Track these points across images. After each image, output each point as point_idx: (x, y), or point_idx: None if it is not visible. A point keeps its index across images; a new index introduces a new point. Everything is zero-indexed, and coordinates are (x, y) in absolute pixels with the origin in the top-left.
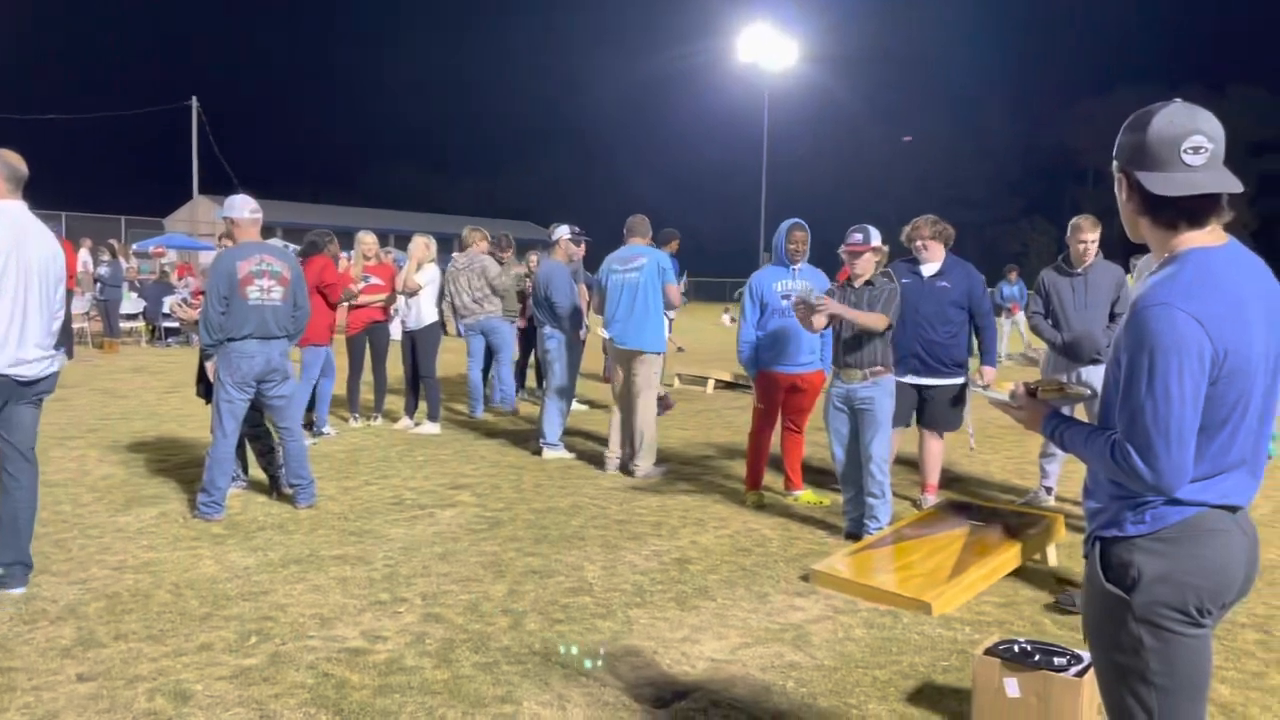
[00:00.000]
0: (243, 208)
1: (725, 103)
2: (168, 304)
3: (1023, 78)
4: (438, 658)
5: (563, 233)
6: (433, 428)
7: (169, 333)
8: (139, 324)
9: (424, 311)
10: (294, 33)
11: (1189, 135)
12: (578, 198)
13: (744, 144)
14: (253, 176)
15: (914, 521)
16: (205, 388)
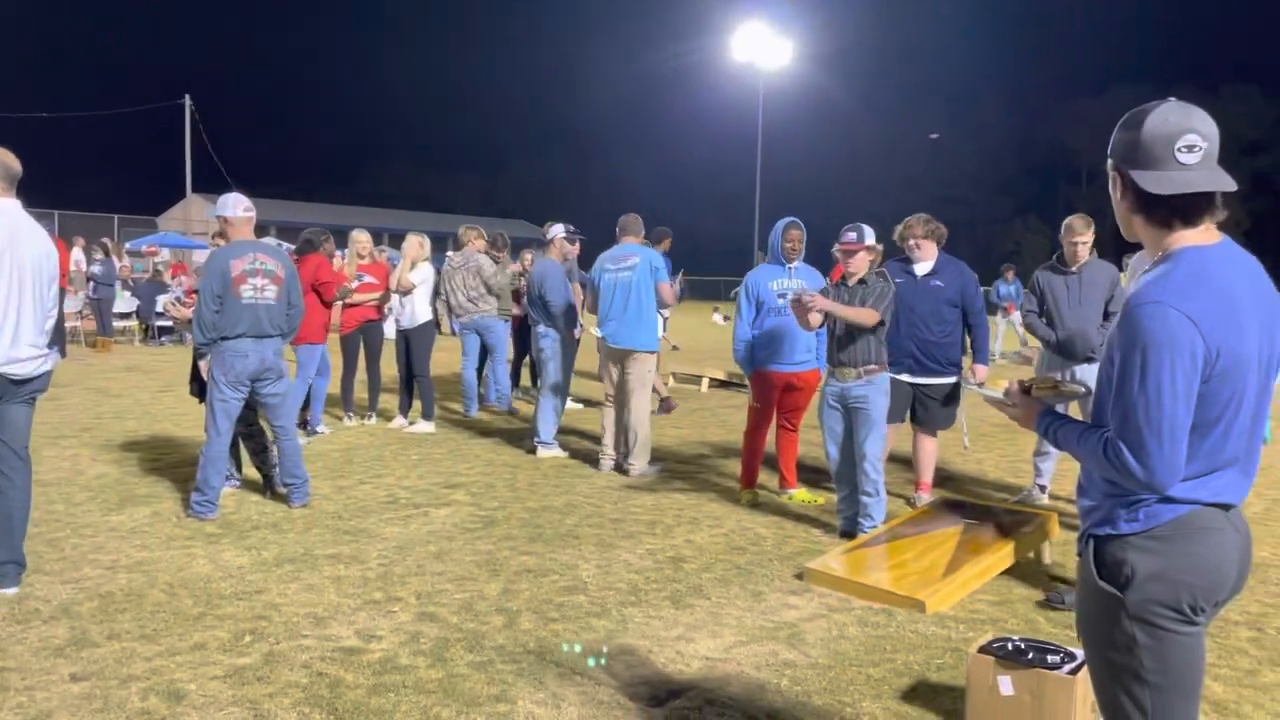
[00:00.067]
0: (236, 206)
1: (720, 101)
2: (161, 303)
3: (1017, 77)
4: (432, 657)
5: (557, 231)
6: (427, 426)
7: (162, 331)
8: (132, 323)
9: (418, 310)
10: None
11: (1183, 134)
12: (572, 196)
13: (739, 143)
14: (246, 175)
15: (908, 520)
16: (199, 387)
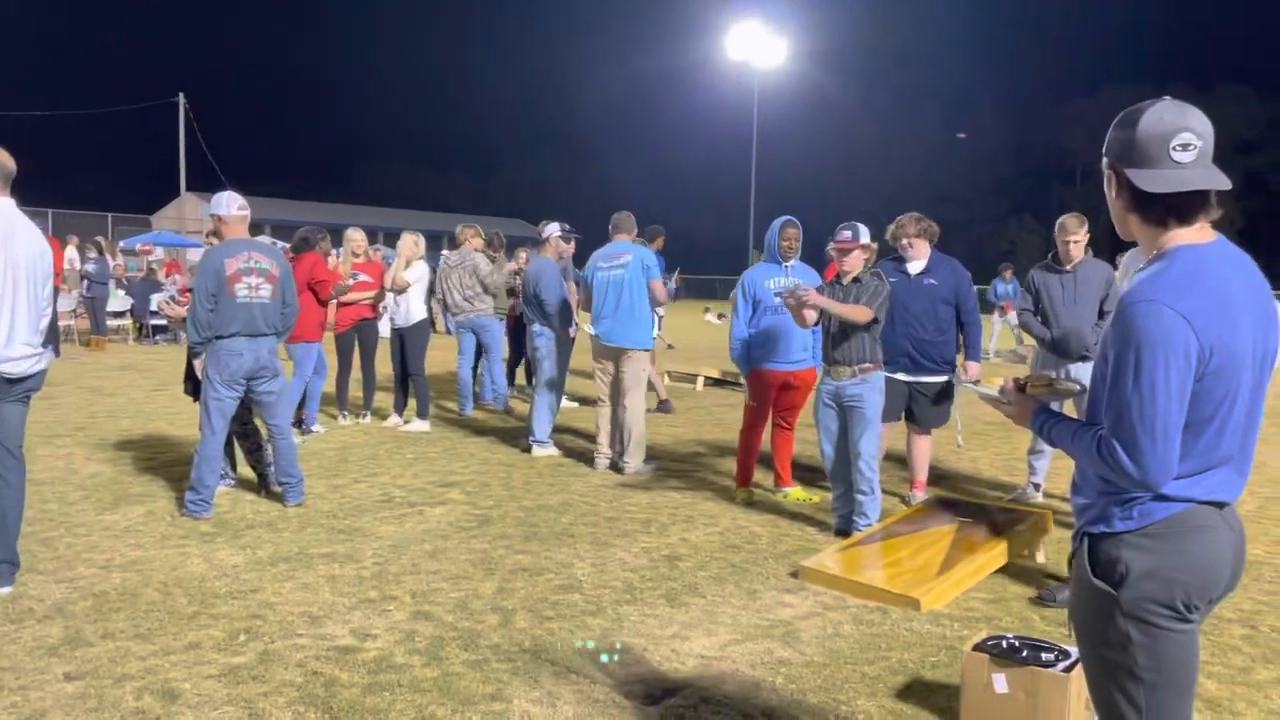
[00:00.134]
0: (230, 205)
1: (715, 100)
2: (155, 301)
3: (1012, 78)
4: (427, 655)
5: (553, 230)
6: (422, 425)
7: (156, 330)
8: (126, 321)
9: (412, 309)
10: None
11: (1178, 132)
12: (567, 195)
13: (734, 142)
14: (240, 173)
15: (903, 518)
16: (193, 385)
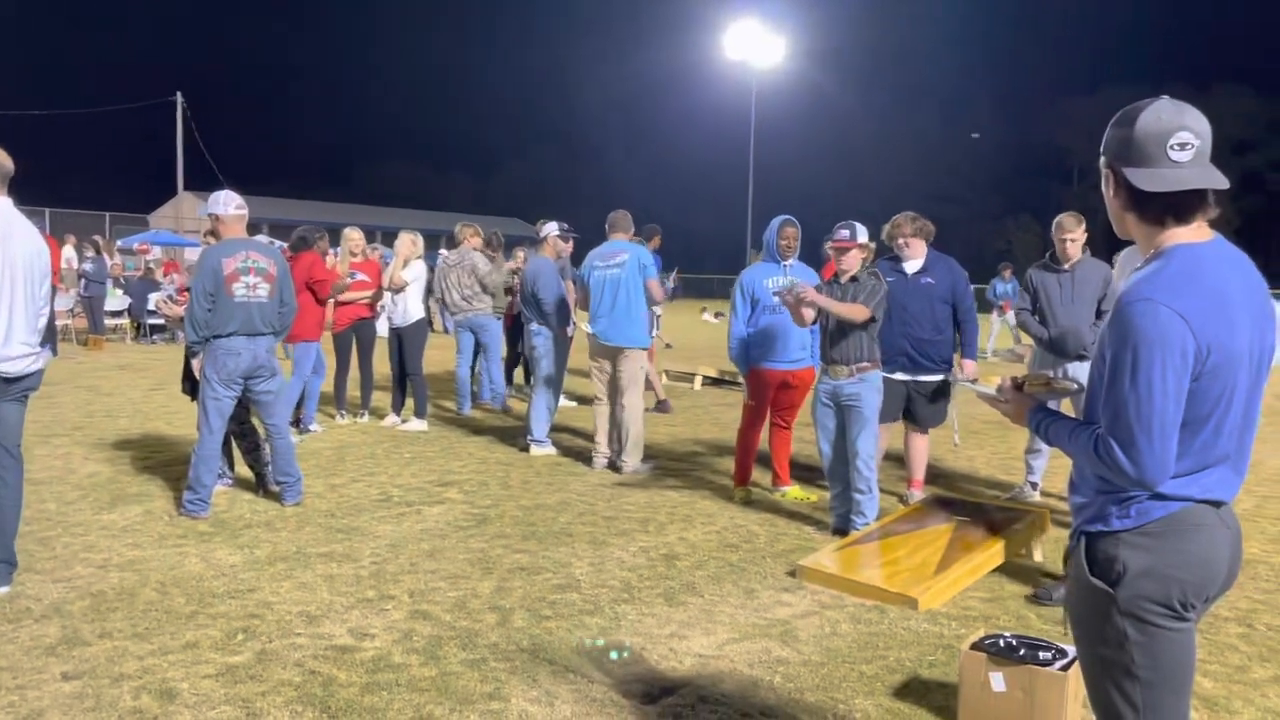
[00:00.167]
0: (227, 204)
1: (713, 100)
2: (153, 301)
3: (1009, 76)
4: (425, 655)
5: (551, 230)
6: (419, 425)
7: (154, 330)
8: (124, 321)
9: (410, 308)
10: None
11: (1176, 131)
12: (565, 195)
13: (732, 141)
14: (238, 172)
15: (900, 517)
16: (191, 385)
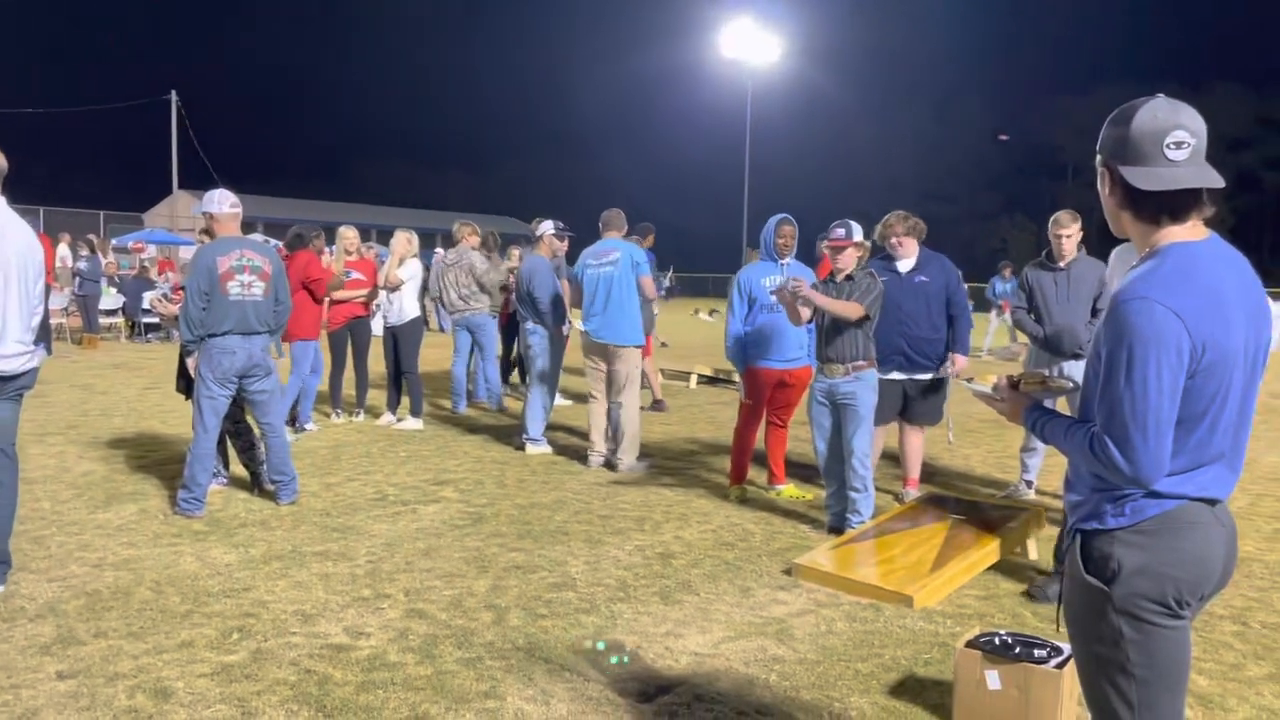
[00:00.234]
0: (222, 202)
1: (708, 98)
2: (147, 299)
3: (1002, 74)
4: (421, 653)
5: (547, 228)
6: (415, 423)
7: (149, 328)
8: (118, 320)
9: (405, 307)
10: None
11: (1172, 130)
12: (561, 193)
13: (727, 140)
14: (233, 171)
15: (896, 515)
16: (186, 383)
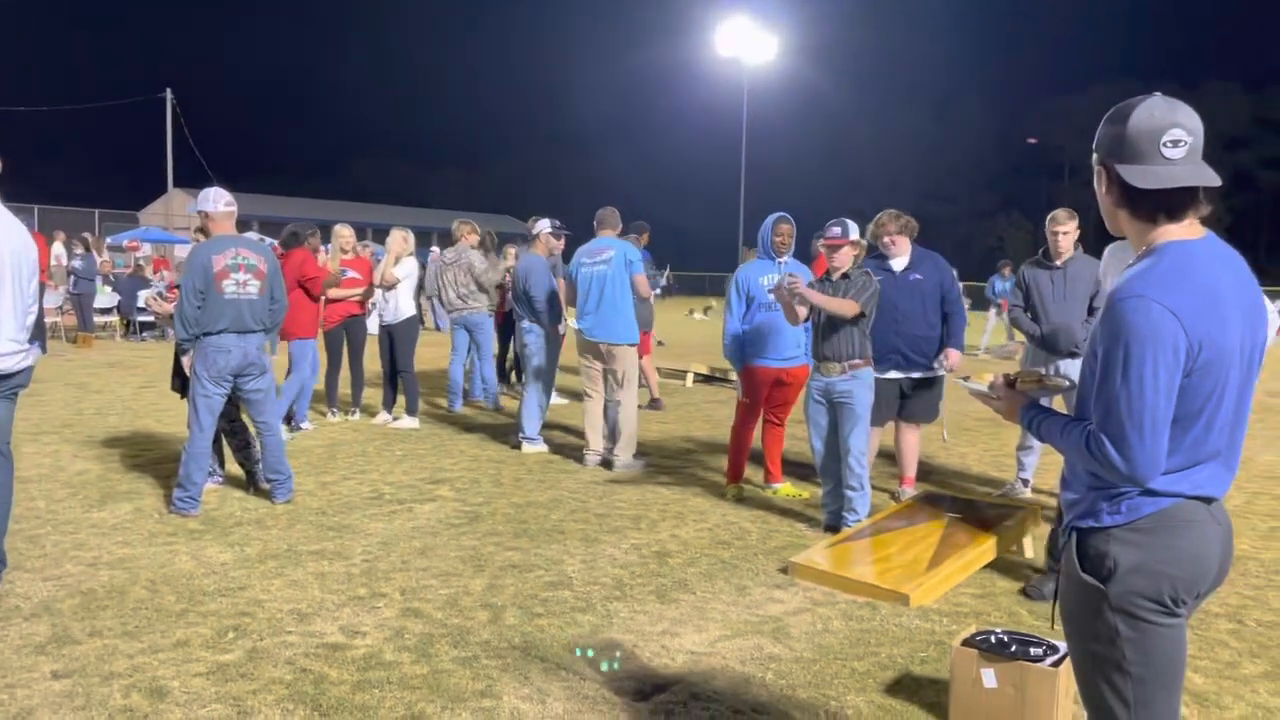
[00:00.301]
0: (217, 201)
1: (705, 97)
2: (142, 298)
3: (999, 73)
4: (417, 652)
5: (543, 227)
6: (411, 422)
7: (144, 327)
8: (113, 318)
9: (401, 306)
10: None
11: (1169, 128)
12: (557, 192)
13: (724, 138)
14: (228, 169)
15: (892, 514)
16: (181, 382)
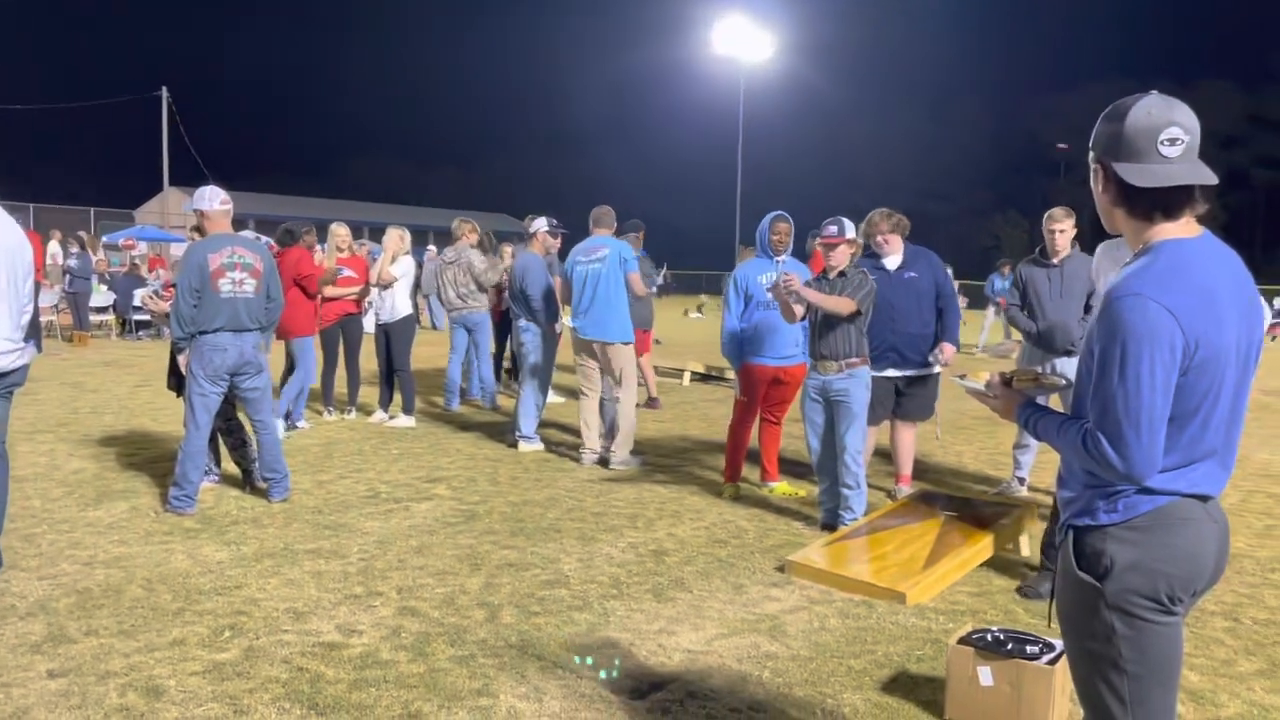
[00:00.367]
0: (213, 199)
1: (701, 96)
2: (138, 296)
3: (995, 71)
4: (413, 651)
5: (540, 225)
6: (407, 421)
7: (140, 326)
8: (109, 317)
9: (398, 304)
10: (267, 24)
11: (1166, 127)
12: (553, 190)
13: (720, 137)
14: (224, 168)
15: (888, 512)
16: (177, 381)
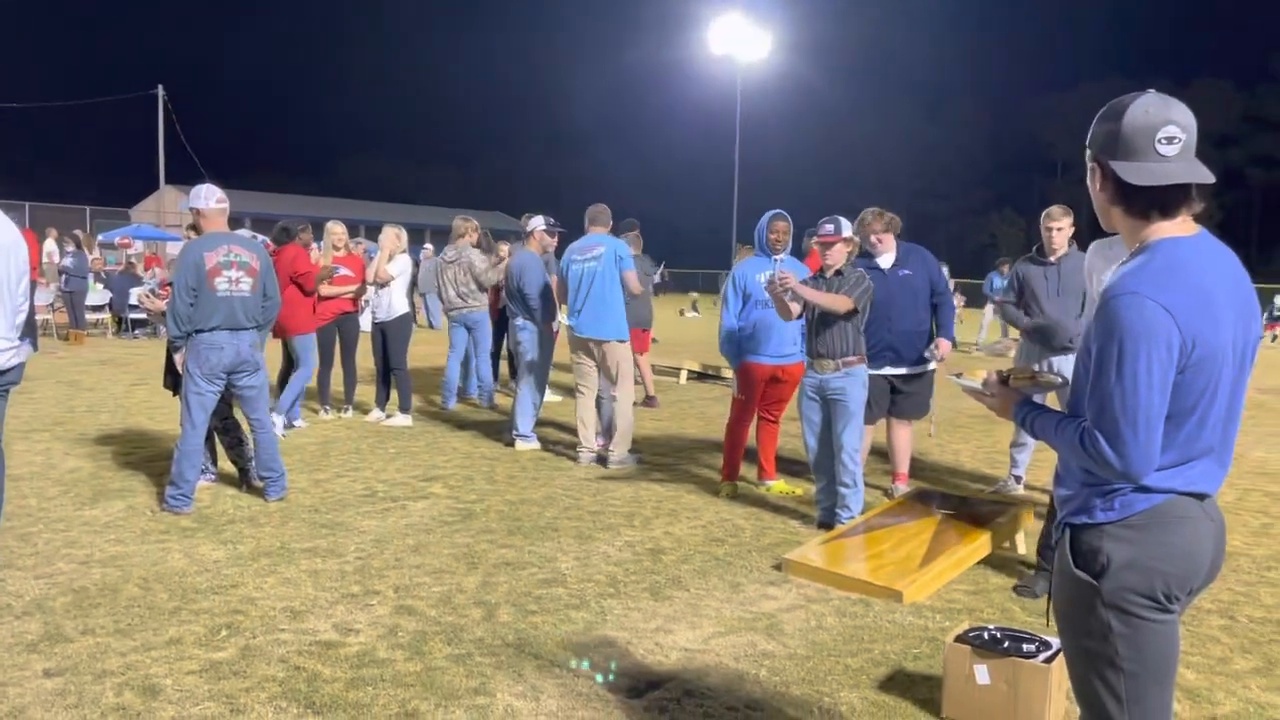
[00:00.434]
0: (209, 198)
1: (698, 95)
2: (134, 295)
3: (992, 71)
4: (410, 650)
5: (537, 224)
6: (404, 420)
7: (136, 324)
8: (105, 316)
9: (394, 303)
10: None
11: (1163, 125)
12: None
13: (717, 136)
14: (220, 166)
15: (885, 511)
16: (173, 380)
